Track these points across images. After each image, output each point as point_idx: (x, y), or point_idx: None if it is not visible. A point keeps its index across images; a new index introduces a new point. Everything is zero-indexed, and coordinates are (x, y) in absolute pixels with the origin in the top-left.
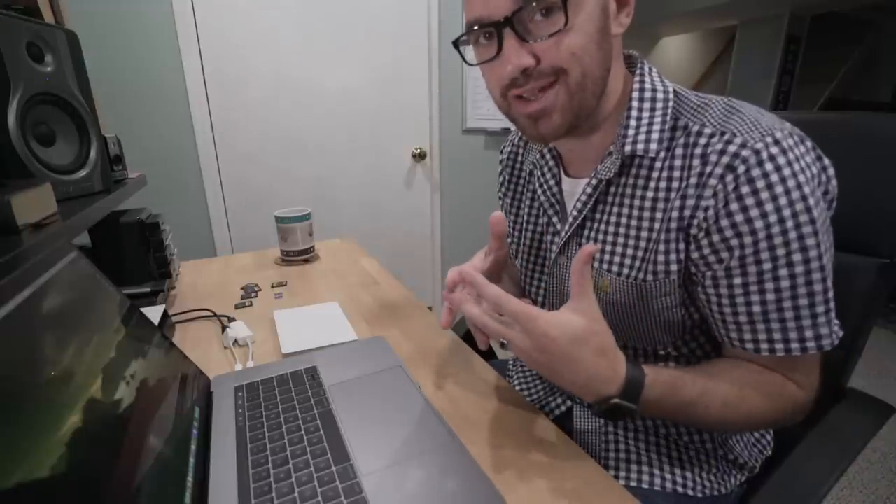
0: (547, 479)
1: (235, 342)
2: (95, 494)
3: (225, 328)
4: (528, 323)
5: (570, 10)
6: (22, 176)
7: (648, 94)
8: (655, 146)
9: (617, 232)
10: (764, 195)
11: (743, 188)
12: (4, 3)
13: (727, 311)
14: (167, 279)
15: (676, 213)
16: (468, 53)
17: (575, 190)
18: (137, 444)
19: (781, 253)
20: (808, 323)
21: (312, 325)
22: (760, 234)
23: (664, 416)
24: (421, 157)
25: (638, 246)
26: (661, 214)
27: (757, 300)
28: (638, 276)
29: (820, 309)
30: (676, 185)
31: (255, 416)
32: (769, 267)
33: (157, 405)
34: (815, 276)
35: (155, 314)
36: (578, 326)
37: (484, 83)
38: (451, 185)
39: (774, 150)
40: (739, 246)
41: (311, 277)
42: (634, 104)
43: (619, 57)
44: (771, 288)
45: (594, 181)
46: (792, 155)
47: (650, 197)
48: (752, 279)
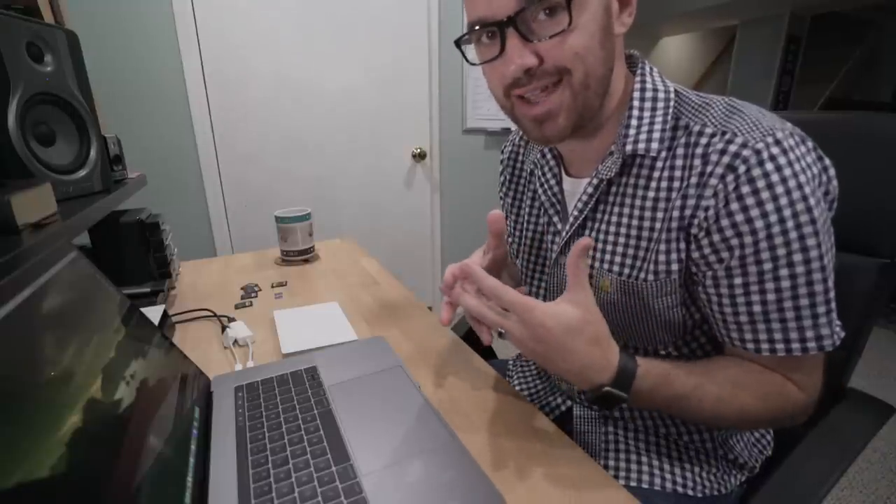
0: (547, 479)
1: (235, 342)
2: (95, 494)
3: (225, 328)
4: (524, 313)
5: (573, 9)
6: (22, 176)
7: (649, 93)
8: (656, 146)
9: (618, 232)
10: (764, 195)
11: (743, 188)
12: (4, 3)
13: (728, 310)
14: (167, 279)
15: (677, 212)
16: (470, 53)
17: (576, 190)
18: (137, 444)
19: (782, 253)
20: (808, 323)
21: (312, 325)
22: (761, 233)
23: (657, 407)
24: (421, 157)
25: (639, 246)
26: (661, 214)
27: (757, 300)
28: (639, 275)
29: (821, 309)
30: (677, 184)
31: (255, 416)
32: (770, 267)
33: (157, 405)
34: (815, 276)
35: (155, 314)
36: (573, 317)
37: (484, 83)
38: (451, 185)
39: (775, 150)
40: (740, 245)
41: (311, 277)
42: (635, 104)
43: (621, 56)
44: (771, 288)
45: (595, 181)
46: (793, 155)
47: (651, 197)
48: (752, 279)
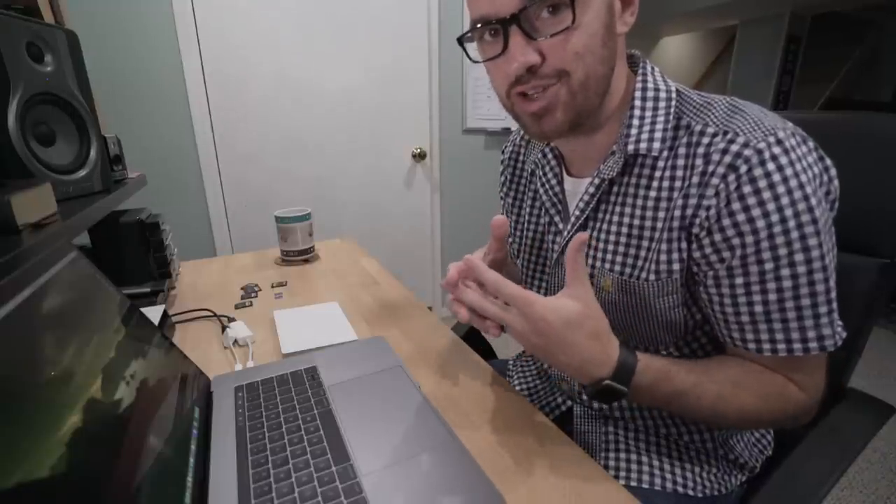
0: (547, 479)
1: (235, 342)
2: (95, 494)
3: (225, 328)
4: (525, 307)
5: (577, 7)
6: (22, 176)
7: (651, 93)
8: (658, 145)
9: (619, 231)
10: (766, 195)
11: (745, 187)
12: (4, 3)
13: (729, 310)
14: (167, 279)
15: (679, 212)
16: (472, 51)
17: (577, 189)
18: (137, 444)
19: (783, 252)
20: (810, 323)
21: (312, 325)
22: (762, 233)
23: (657, 404)
24: (421, 157)
25: (640, 245)
26: (663, 214)
27: (759, 300)
28: (640, 275)
29: (822, 309)
30: (679, 184)
31: (255, 416)
32: (771, 266)
33: (157, 405)
34: (817, 275)
35: (155, 314)
36: (573, 311)
37: (483, 83)
38: (451, 185)
39: (777, 149)
40: (741, 245)
41: (311, 277)
42: (637, 103)
43: (622, 56)
44: (773, 288)
45: (597, 180)
46: (794, 155)
47: (653, 196)
48: (753, 279)
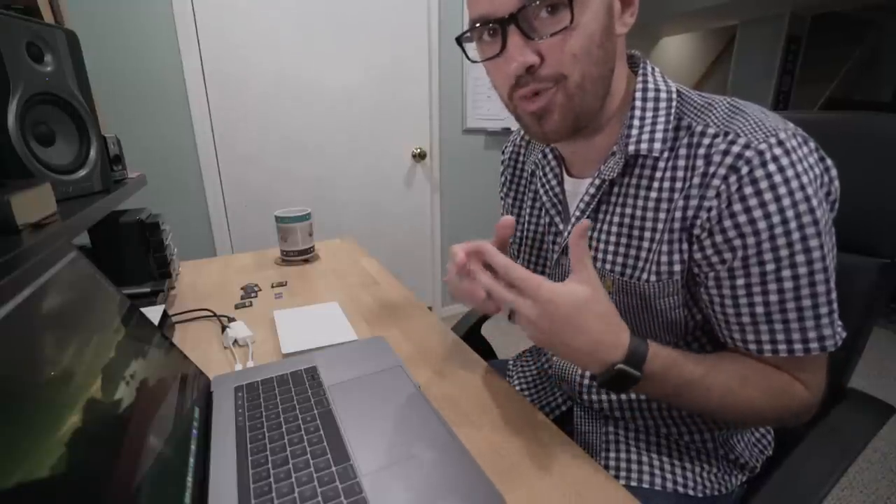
0: (547, 479)
1: (235, 342)
2: (95, 494)
3: (225, 328)
4: (533, 290)
5: (575, 7)
6: (22, 176)
7: (651, 93)
8: (659, 146)
9: (620, 232)
10: (767, 196)
11: (746, 189)
12: (4, 3)
13: (730, 311)
14: (167, 279)
15: (679, 213)
16: (471, 51)
17: (577, 190)
18: (137, 444)
19: (784, 254)
20: (811, 324)
21: (312, 325)
22: (763, 234)
23: (667, 394)
24: (421, 157)
25: (641, 246)
26: (664, 215)
27: (760, 301)
28: (641, 276)
29: (823, 310)
30: (680, 185)
31: (255, 416)
32: (772, 268)
33: (157, 405)
34: (818, 276)
35: (155, 314)
36: (581, 294)
37: (483, 83)
38: (451, 185)
39: (778, 150)
40: (742, 246)
41: (311, 277)
42: (638, 104)
43: (622, 57)
44: (774, 289)
45: (597, 181)
46: (795, 156)
47: (653, 197)
48: (754, 280)
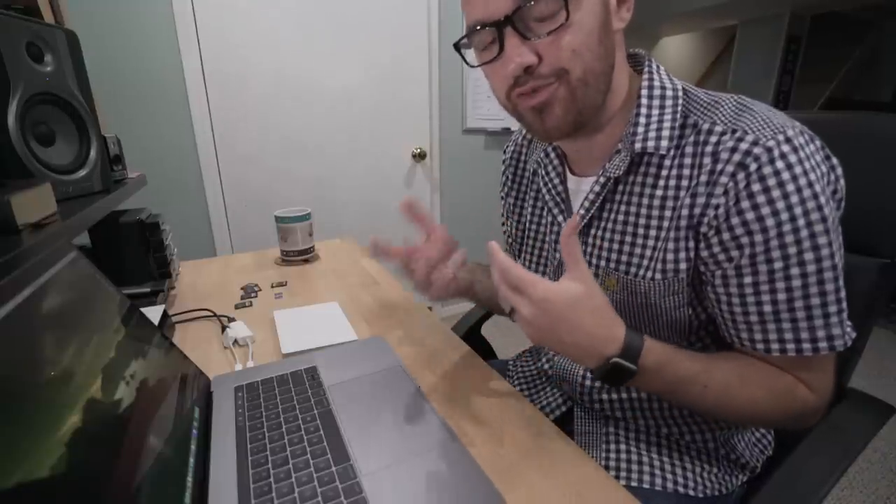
0: (547, 479)
1: (235, 342)
2: (95, 494)
3: (225, 328)
4: (528, 287)
5: (570, 5)
6: (22, 176)
7: (657, 91)
8: (666, 143)
9: (625, 230)
10: (775, 193)
11: (754, 186)
12: (4, 3)
13: (737, 310)
14: (167, 279)
15: (686, 211)
16: (469, 56)
17: (580, 188)
18: (137, 444)
19: (793, 251)
20: (820, 323)
21: (312, 325)
22: (771, 232)
23: (664, 389)
24: (421, 156)
25: (646, 245)
26: (670, 213)
27: (768, 299)
28: (646, 274)
29: (832, 309)
30: (686, 182)
31: (255, 416)
32: (780, 266)
33: (157, 405)
34: (826, 275)
35: (155, 314)
36: (575, 291)
37: (484, 83)
38: (451, 185)
39: (786, 147)
40: (750, 244)
41: (311, 277)
42: (644, 101)
43: (622, 53)
44: (782, 287)
45: (602, 179)
46: (803, 153)
47: (659, 195)
48: (762, 278)
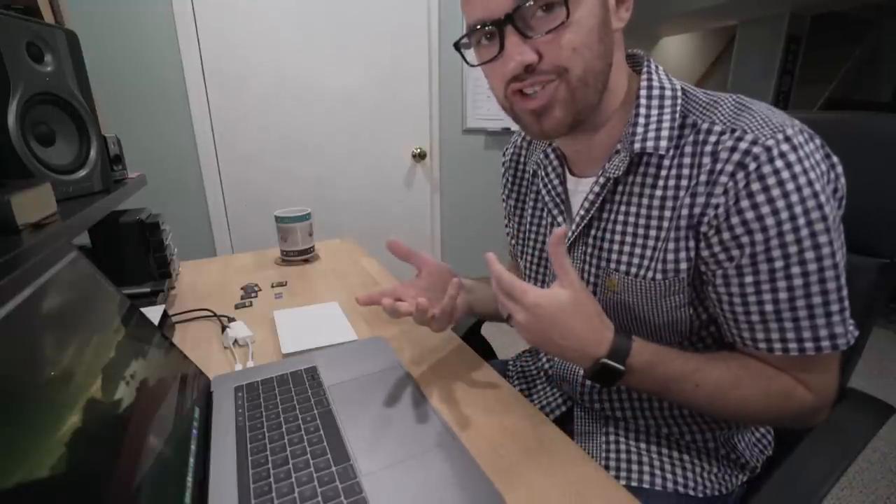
0: (547, 479)
1: (235, 342)
2: (95, 494)
3: (225, 328)
4: (520, 295)
5: (570, 4)
6: (22, 176)
7: (656, 91)
8: (665, 143)
9: (625, 231)
10: (775, 192)
11: (754, 185)
12: (4, 3)
13: (739, 310)
14: (167, 279)
15: (686, 210)
16: (470, 56)
17: (580, 189)
18: (137, 444)
19: (793, 250)
20: (822, 322)
21: (312, 325)
22: (772, 231)
23: (655, 388)
24: (421, 157)
25: (646, 245)
26: (669, 213)
27: (769, 299)
28: (647, 274)
29: (834, 307)
30: (686, 182)
31: (255, 416)
32: (781, 265)
33: (157, 405)
34: (828, 273)
35: (155, 314)
36: (564, 297)
37: (484, 83)
38: (451, 185)
39: (785, 146)
40: (750, 244)
41: (311, 277)
42: (643, 101)
43: (621, 53)
44: (783, 286)
45: (602, 180)
46: (803, 152)
47: (659, 195)
48: (763, 277)
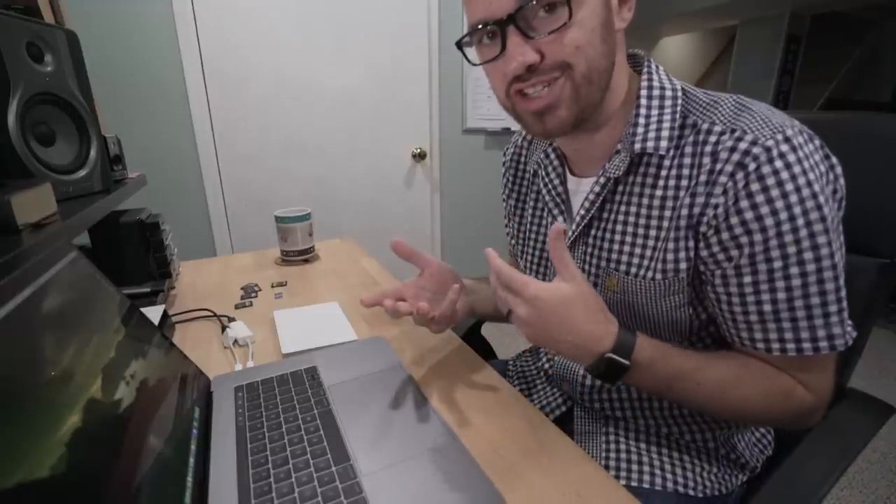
0: (547, 479)
1: (235, 342)
2: (95, 494)
3: (225, 328)
4: (521, 288)
5: (573, 4)
6: (22, 176)
7: (657, 91)
8: (665, 144)
9: (625, 231)
10: (774, 192)
11: (753, 185)
12: (4, 3)
13: (737, 310)
14: (167, 279)
15: (686, 210)
16: (471, 55)
17: (580, 189)
18: (137, 444)
19: (792, 250)
20: (820, 322)
21: (312, 325)
22: (770, 231)
23: (658, 386)
24: (421, 157)
25: (646, 245)
26: (669, 213)
27: (767, 299)
28: (646, 274)
29: (832, 308)
30: (686, 182)
31: (255, 416)
32: (780, 265)
33: (157, 405)
34: (826, 273)
35: (155, 314)
36: (566, 291)
37: (484, 83)
38: (451, 185)
39: (785, 147)
40: (749, 243)
41: (311, 277)
42: (643, 101)
43: (622, 53)
44: (782, 287)
45: (602, 180)
46: (802, 152)
47: (659, 195)
48: (762, 278)
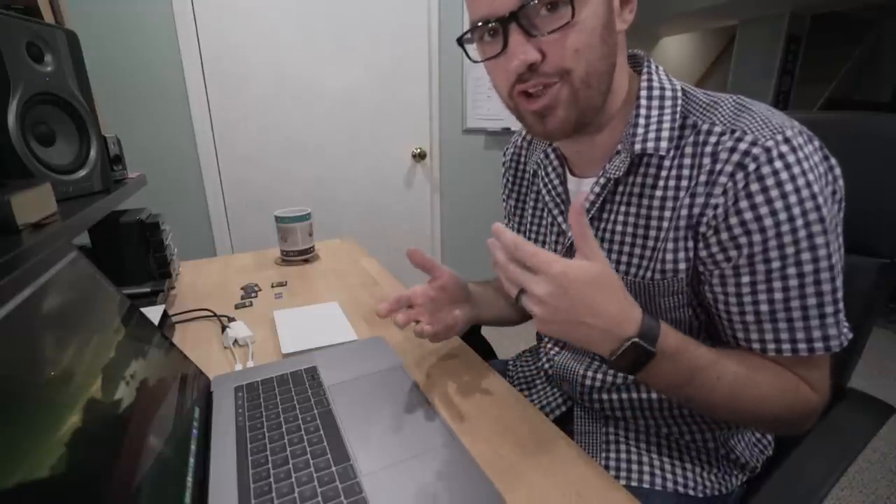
0: (547, 479)
1: (235, 342)
2: (95, 494)
3: (225, 328)
4: (545, 264)
5: (575, 4)
6: (22, 176)
7: (657, 91)
8: (665, 144)
9: (625, 231)
10: (774, 192)
11: (753, 186)
12: (4, 3)
13: (734, 310)
14: (167, 279)
15: (685, 211)
16: (472, 52)
17: (580, 189)
18: (137, 444)
19: (790, 252)
20: (816, 323)
21: (312, 325)
22: (770, 231)
23: (676, 380)
24: (421, 157)
25: (646, 245)
26: (669, 213)
27: (764, 299)
28: (646, 274)
29: (829, 309)
30: (685, 183)
31: (255, 416)
32: (778, 265)
33: (157, 405)
34: (823, 275)
35: (155, 314)
36: (593, 269)
37: (484, 83)
38: (451, 185)
39: (784, 147)
40: (748, 244)
41: (311, 277)
42: (643, 102)
43: (623, 54)
44: (779, 287)
45: (602, 180)
46: (802, 153)
47: (659, 196)
48: (760, 278)
